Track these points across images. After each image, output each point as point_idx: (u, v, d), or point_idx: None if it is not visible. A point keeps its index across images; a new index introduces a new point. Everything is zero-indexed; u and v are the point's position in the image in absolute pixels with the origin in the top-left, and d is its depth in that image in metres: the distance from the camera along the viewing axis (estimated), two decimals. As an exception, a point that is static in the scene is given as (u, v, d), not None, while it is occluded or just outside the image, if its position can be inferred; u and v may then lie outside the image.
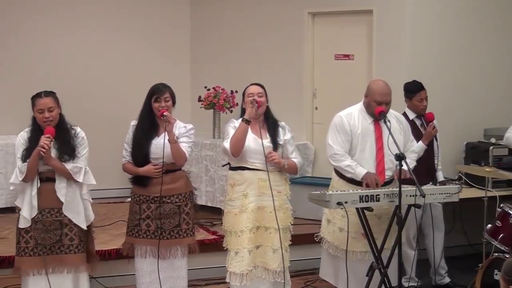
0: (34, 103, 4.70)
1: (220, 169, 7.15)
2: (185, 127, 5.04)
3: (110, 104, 8.14)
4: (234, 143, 4.88)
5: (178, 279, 5.06)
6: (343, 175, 5.16)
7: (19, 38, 7.84)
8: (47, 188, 4.66)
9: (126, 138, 5.06)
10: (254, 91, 4.97)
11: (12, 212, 7.11)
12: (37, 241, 4.67)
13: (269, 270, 4.97)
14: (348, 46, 7.37)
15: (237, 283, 4.94)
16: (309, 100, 7.67)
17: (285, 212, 5.02)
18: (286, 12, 7.69)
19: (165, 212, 4.97)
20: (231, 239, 4.98)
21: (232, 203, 4.99)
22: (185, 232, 5.04)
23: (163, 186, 4.92)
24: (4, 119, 7.71)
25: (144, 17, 8.39)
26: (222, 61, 8.23)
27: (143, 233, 4.98)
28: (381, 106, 5.02)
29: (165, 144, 4.87)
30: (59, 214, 4.71)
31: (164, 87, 5.00)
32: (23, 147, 4.69)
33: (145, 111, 5.01)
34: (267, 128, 5.02)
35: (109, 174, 7.68)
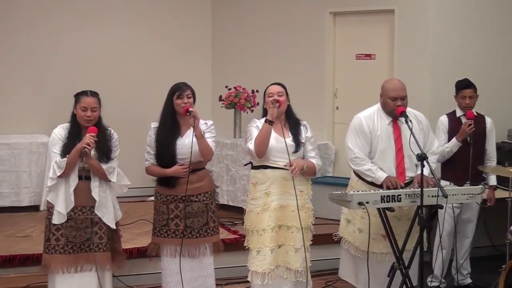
0: (79, 100, 4.72)
1: (241, 168, 7.16)
2: (206, 123, 5.06)
3: (131, 103, 8.18)
4: (258, 144, 4.88)
5: (207, 277, 5.08)
6: (365, 178, 5.14)
7: (43, 39, 7.91)
8: (80, 186, 4.69)
9: (147, 141, 5.06)
10: (274, 91, 4.97)
11: (36, 211, 7.22)
12: (68, 239, 4.70)
13: (291, 269, 4.96)
14: (369, 46, 7.35)
15: (258, 282, 4.94)
16: (330, 99, 7.66)
17: (306, 212, 5.02)
18: (308, 12, 7.68)
19: (194, 211, 4.99)
20: (252, 238, 4.99)
21: (254, 202, 5.00)
22: (213, 230, 5.06)
23: (190, 185, 4.93)
24: (28, 119, 7.78)
25: (165, 17, 8.42)
26: (243, 60, 8.24)
27: (171, 233, 4.99)
28: (396, 102, 4.99)
29: (193, 143, 4.86)
30: (90, 212, 4.74)
31: (185, 85, 5.02)
32: (61, 143, 4.69)
33: (167, 111, 5.01)
34: (289, 127, 5.02)
35: (130, 173, 7.70)
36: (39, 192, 7.29)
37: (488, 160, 5.94)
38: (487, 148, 5.93)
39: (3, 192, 7.20)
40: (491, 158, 5.95)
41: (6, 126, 7.73)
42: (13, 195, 7.24)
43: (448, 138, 5.84)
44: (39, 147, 7.31)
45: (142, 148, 4.95)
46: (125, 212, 7.11)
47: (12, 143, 7.27)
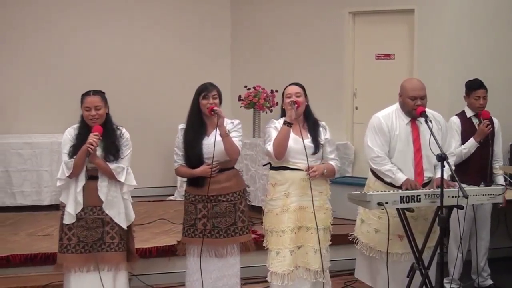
0: (83, 100, 4.75)
1: (261, 168, 7.17)
2: (232, 122, 5.06)
3: (150, 103, 8.22)
4: (277, 146, 4.88)
5: (231, 277, 5.07)
6: (384, 178, 5.13)
7: (64, 39, 7.98)
8: (90, 186, 4.71)
9: (176, 143, 5.07)
10: (292, 91, 4.96)
11: (56, 210, 7.25)
12: (79, 239, 4.73)
13: (310, 270, 4.95)
14: (389, 46, 7.33)
15: (278, 283, 4.93)
16: (350, 99, 7.64)
17: (325, 212, 5.01)
18: (327, 12, 7.67)
19: (221, 210, 4.99)
20: (272, 239, 4.98)
21: (273, 203, 5.00)
22: (241, 230, 5.06)
23: (218, 185, 4.94)
24: (49, 118, 7.84)
25: (184, 17, 8.45)
26: (262, 60, 8.24)
27: (199, 233, 5.00)
28: (415, 101, 4.97)
29: (215, 142, 4.87)
30: (101, 212, 4.75)
31: (211, 85, 5.02)
32: (70, 144, 4.73)
33: (194, 112, 5.01)
34: (307, 128, 5.01)
35: (149, 172, 7.78)
36: (59, 191, 7.30)
37: (495, 161, 5.90)
38: (495, 148, 5.90)
39: (25, 191, 7.27)
40: (498, 158, 5.93)
41: (28, 125, 7.81)
42: (35, 194, 7.31)
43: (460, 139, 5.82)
44: (59, 146, 7.29)
45: (161, 148, 4.99)
46: (144, 211, 7.18)
47: (34, 143, 7.34)
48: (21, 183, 7.24)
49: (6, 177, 7.18)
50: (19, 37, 7.80)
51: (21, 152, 7.26)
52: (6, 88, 7.68)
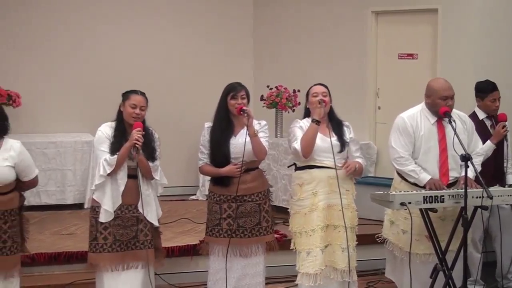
0: (128, 97, 4.76)
1: (283, 168, 7.17)
2: (259, 123, 5.07)
3: (172, 103, 8.24)
4: (305, 144, 4.88)
5: (255, 276, 5.07)
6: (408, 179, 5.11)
7: (88, 40, 8.03)
8: (127, 185, 4.72)
9: (201, 141, 5.07)
10: (318, 91, 4.97)
11: (80, 209, 7.33)
12: (116, 237, 4.72)
13: (338, 269, 4.94)
14: (412, 45, 7.29)
15: (310, 283, 4.90)
16: (372, 99, 7.62)
17: (352, 212, 5.02)
18: (350, 11, 7.65)
19: (246, 210, 4.99)
20: (301, 240, 4.96)
21: (300, 203, 4.98)
22: (265, 229, 5.05)
23: (244, 185, 4.94)
24: (72, 118, 7.91)
25: (207, 17, 8.47)
26: (284, 60, 8.24)
27: (223, 232, 5.00)
28: (447, 101, 4.95)
29: (245, 142, 4.87)
30: (136, 210, 4.76)
31: (239, 85, 5.02)
32: (108, 141, 4.72)
33: (221, 111, 5.01)
34: (331, 128, 5.01)
35: (172, 172, 7.78)
36: (83, 190, 7.41)
37: (506, 160, 5.81)
38: (504, 149, 5.82)
39: (49, 190, 7.33)
40: (508, 158, 5.84)
41: (52, 125, 7.88)
42: (59, 193, 7.36)
43: None
44: (83, 145, 7.43)
45: (184, 147, 5.02)
46: (167, 211, 7.20)
47: (58, 142, 7.40)
48: (46, 182, 7.29)
49: (31, 176, 7.25)
50: (45, 39, 7.87)
51: (46, 151, 7.33)
52: (31, 88, 7.75)
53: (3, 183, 4.48)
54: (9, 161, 4.49)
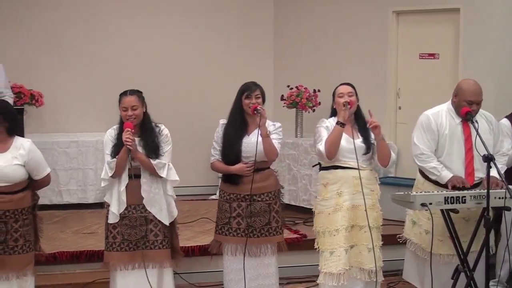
0: (120, 100, 4.81)
1: (303, 168, 7.16)
2: (274, 125, 5.08)
3: (193, 102, 8.26)
4: (329, 146, 4.87)
5: (267, 277, 5.08)
6: (429, 176, 5.08)
7: (109, 40, 8.07)
8: (133, 185, 4.76)
9: (215, 137, 5.10)
10: (344, 91, 4.95)
11: (101, 208, 7.35)
12: (124, 237, 4.78)
13: (364, 270, 4.92)
14: (433, 45, 7.24)
15: (334, 283, 4.89)
16: (393, 99, 7.58)
17: (377, 212, 5.00)
18: (371, 11, 7.62)
19: (256, 210, 5.00)
20: (324, 239, 4.95)
21: (325, 203, 4.97)
22: (275, 230, 5.06)
23: (254, 185, 4.94)
24: (93, 117, 7.95)
25: (227, 16, 8.47)
26: (305, 60, 8.23)
27: (233, 231, 5.02)
28: (471, 106, 4.91)
29: (257, 142, 4.89)
30: (144, 210, 4.79)
31: (254, 85, 5.03)
32: (111, 144, 4.80)
33: (236, 109, 5.04)
34: (358, 128, 4.99)
35: (192, 171, 7.82)
36: (104, 190, 7.41)
37: None
38: None
39: (70, 189, 7.38)
40: None
41: (74, 124, 7.93)
42: (80, 192, 7.40)
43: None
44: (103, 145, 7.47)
45: (204, 147, 5.03)
46: (187, 210, 7.23)
47: (80, 141, 7.45)
48: (67, 181, 7.35)
49: (54, 175, 7.23)
50: (68, 39, 7.92)
51: (68, 151, 7.37)
52: (54, 88, 7.81)
53: (13, 182, 4.52)
54: (18, 160, 4.52)
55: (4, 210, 4.48)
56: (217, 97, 8.06)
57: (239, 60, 8.42)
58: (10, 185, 4.50)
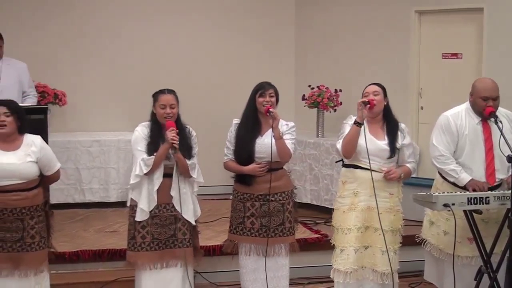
0: (157, 98, 4.82)
1: (324, 167, 7.15)
2: (287, 124, 5.07)
3: (214, 102, 8.28)
4: (346, 145, 4.87)
5: (281, 279, 5.08)
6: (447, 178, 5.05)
7: (131, 40, 8.11)
8: (163, 184, 4.78)
9: (228, 136, 5.12)
10: (369, 91, 4.95)
11: (123, 207, 7.39)
12: (154, 236, 4.78)
13: (377, 272, 4.92)
14: (456, 45, 7.19)
15: (340, 280, 4.94)
16: (415, 99, 7.54)
17: (395, 215, 4.97)
18: (393, 11, 7.58)
19: (270, 210, 5.01)
20: (337, 236, 4.98)
21: (342, 200, 4.99)
22: (288, 230, 5.07)
23: (267, 184, 4.95)
24: (115, 116, 8.00)
25: (249, 16, 8.48)
26: (326, 60, 8.21)
27: (247, 231, 5.04)
28: (487, 102, 4.88)
29: (272, 143, 4.90)
30: (173, 209, 4.82)
31: (268, 84, 5.05)
32: (145, 141, 4.78)
33: (249, 109, 5.05)
34: (386, 130, 4.97)
35: (213, 171, 7.82)
36: (126, 189, 7.44)
37: None
38: None
39: (93, 187, 7.43)
40: None
41: (96, 124, 7.98)
42: (102, 191, 7.45)
43: None
44: (126, 144, 7.49)
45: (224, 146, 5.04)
46: (208, 210, 7.24)
47: (102, 140, 7.49)
48: (90, 180, 7.40)
49: (77, 174, 7.37)
50: (91, 38, 7.97)
51: (90, 150, 7.42)
52: (77, 88, 7.86)
53: (29, 179, 4.55)
54: (31, 157, 4.55)
55: (20, 208, 4.52)
56: (239, 96, 8.00)
57: (261, 61, 8.42)
58: (25, 182, 4.54)
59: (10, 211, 4.49)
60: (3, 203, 4.47)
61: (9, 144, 4.54)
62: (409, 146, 5.02)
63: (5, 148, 4.52)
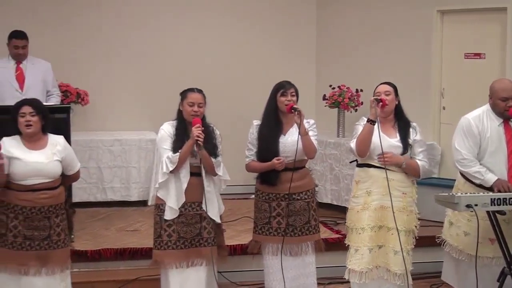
0: (185, 96, 4.85)
1: (345, 167, 7.14)
2: (308, 122, 5.06)
3: (235, 101, 8.28)
4: (359, 143, 4.88)
5: (308, 276, 5.08)
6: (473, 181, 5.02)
7: (153, 40, 8.14)
8: (190, 182, 4.80)
9: (249, 138, 5.11)
10: (381, 90, 4.95)
11: (144, 206, 7.46)
12: (180, 235, 4.80)
13: (391, 271, 4.92)
14: (479, 45, 7.13)
15: (356, 281, 4.94)
16: (437, 99, 7.50)
17: (409, 215, 4.95)
18: (415, 10, 7.54)
19: (296, 209, 5.00)
20: (352, 236, 4.99)
21: (355, 200, 5.00)
22: (314, 228, 5.07)
23: (293, 183, 4.94)
24: (137, 116, 8.04)
25: (270, 16, 8.48)
26: (347, 59, 8.19)
27: (273, 231, 5.03)
28: (507, 102, 4.85)
29: (292, 141, 4.91)
30: (199, 208, 4.83)
31: (288, 83, 5.05)
32: (170, 139, 4.80)
33: (270, 109, 5.05)
34: (397, 128, 4.97)
35: (233, 170, 7.82)
36: (147, 188, 7.52)
37: None
38: None
39: (114, 186, 7.46)
40: None
41: (118, 123, 8.01)
42: (123, 190, 7.48)
43: None
44: (147, 143, 7.55)
45: (245, 146, 5.04)
46: (229, 209, 7.21)
47: (123, 140, 7.52)
48: (111, 179, 7.44)
49: (98, 173, 7.41)
50: (113, 38, 8.00)
51: (112, 149, 7.46)
52: (99, 88, 7.90)
53: (54, 178, 4.61)
54: (57, 156, 4.61)
55: (47, 206, 4.57)
56: (259, 97, 8.01)
57: (282, 60, 8.41)
58: (52, 181, 4.59)
59: (38, 210, 4.55)
60: (32, 201, 4.53)
61: (34, 143, 4.60)
62: (421, 143, 5.01)
63: (31, 147, 4.58)
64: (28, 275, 4.55)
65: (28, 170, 4.50)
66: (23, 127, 4.54)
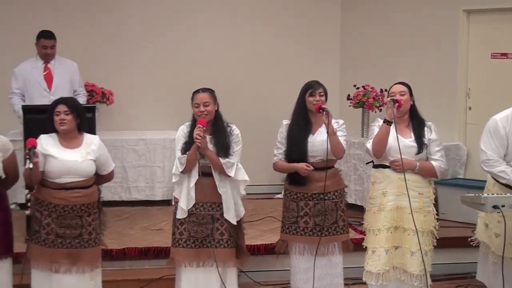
0: (192, 98, 4.89)
1: (369, 168, 7.08)
2: (337, 122, 5.07)
3: (259, 101, 8.30)
4: (376, 144, 4.87)
5: (335, 277, 5.08)
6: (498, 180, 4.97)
7: (177, 40, 8.19)
8: (202, 182, 4.81)
9: (278, 137, 5.12)
10: (396, 90, 4.93)
11: (168, 205, 7.48)
12: (190, 234, 4.84)
13: (408, 272, 4.89)
14: (506, 45, 7.07)
15: (373, 282, 4.92)
16: (463, 99, 7.45)
17: (426, 215, 4.92)
18: (440, 10, 7.50)
19: (323, 209, 5.00)
20: (369, 237, 4.99)
21: (372, 201, 5.00)
22: (342, 228, 5.06)
23: (320, 183, 4.95)
24: (161, 115, 8.08)
25: (294, 16, 8.48)
26: (371, 59, 8.16)
27: (301, 230, 5.03)
28: None
29: (321, 140, 4.91)
30: (211, 208, 4.85)
31: (317, 83, 5.06)
32: (183, 140, 4.87)
33: (299, 108, 5.06)
34: (412, 128, 4.95)
35: (257, 170, 7.84)
36: (171, 187, 7.52)
37: None
38: None
39: (139, 186, 7.51)
40: None
41: (142, 122, 8.07)
42: (148, 189, 7.52)
43: None
44: (171, 143, 7.53)
45: (270, 146, 5.05)
46: (252, 209, 7.26)
47: (148, 139, 7.57)
48: (136, 178, 7.48)
49: (123, 172, 7.45)
50: (138, 38, 8.07)
51: (136, 148, 7.50)
52: (124, 87, 7.95)
53: (88, 177, 4.65)
54: (91, 155, 4.64)
55: (80, 205, 4.61)
56: (284, 96, 8.03)
57: (306, 60, 8.42)
58: (85, 179, 4.63)
59: (71, 208, 4.59)
60: (65, 200, 4.57)
61: (69, 142, 4.64)
62: (437, 142, 4.96)
63: (67, 146, 4.63)
64: (58, 272, 4.59)
65: (63, 168, 4.55)
66: (58, 124, 4.59)
